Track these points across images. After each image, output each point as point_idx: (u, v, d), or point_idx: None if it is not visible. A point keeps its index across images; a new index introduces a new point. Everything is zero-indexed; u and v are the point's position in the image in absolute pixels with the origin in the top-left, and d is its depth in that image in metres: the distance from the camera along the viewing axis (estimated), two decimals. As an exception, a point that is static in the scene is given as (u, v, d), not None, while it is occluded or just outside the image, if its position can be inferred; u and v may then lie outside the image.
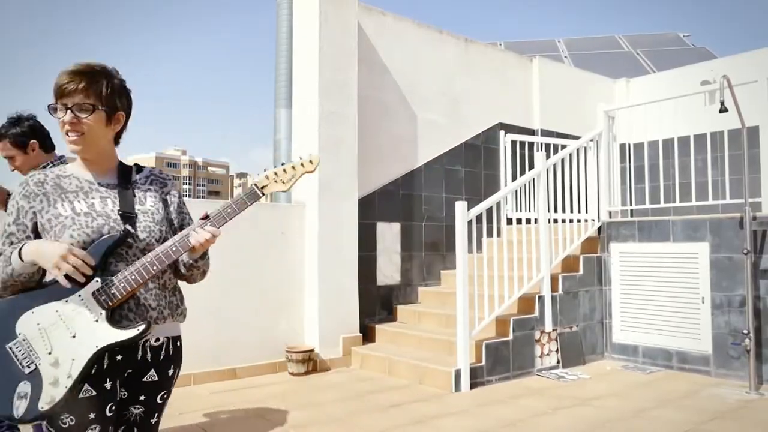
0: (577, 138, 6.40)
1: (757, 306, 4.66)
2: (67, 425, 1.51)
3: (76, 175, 1.67)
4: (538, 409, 4.03)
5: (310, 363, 5.14)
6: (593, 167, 5.89)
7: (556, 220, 5.62)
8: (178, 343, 1.74)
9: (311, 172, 1.74)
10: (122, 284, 1.54)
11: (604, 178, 5.85)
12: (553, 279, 5.29)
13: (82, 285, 1.53)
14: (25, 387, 1.49)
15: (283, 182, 1.70)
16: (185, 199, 2.06)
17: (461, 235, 4.66)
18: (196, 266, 1.72)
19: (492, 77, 7.10)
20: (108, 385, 1.57)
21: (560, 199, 5.73)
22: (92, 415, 1.53)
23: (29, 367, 1.50)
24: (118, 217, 1.62)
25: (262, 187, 1.68)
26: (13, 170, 2.99)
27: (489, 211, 4.99)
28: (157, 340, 1.67)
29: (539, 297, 5.15)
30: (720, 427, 3.66)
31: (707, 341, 4.96)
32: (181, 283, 1.79)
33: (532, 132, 7.36)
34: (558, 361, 5.22)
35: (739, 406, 4.09)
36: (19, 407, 1.48)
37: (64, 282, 1.49)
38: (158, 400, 1.69)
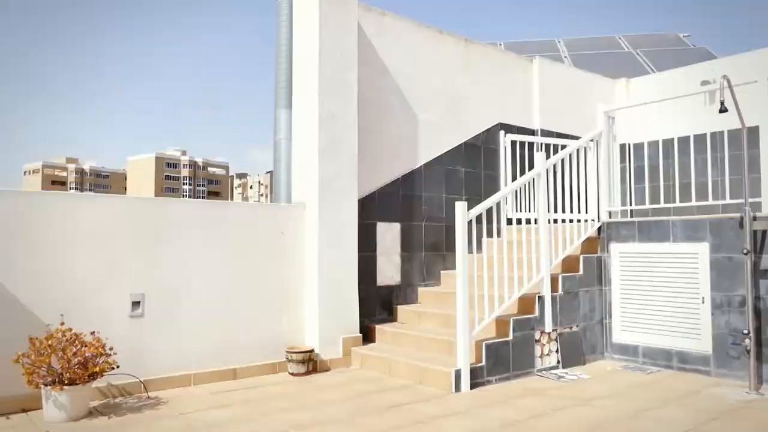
0: (577, 138, 6.40)
1: (757, 306, 4.66)
2: None
3: None
4: (538, 410, 4.03)
5: (310, 363, 5.14)
6: (593, 167, 5.90)
7: (556, 220, 5.62)
8: None
9: None
10: None
11: (604, 179, 5.85)
12: (553, 279, 5.29)
13: None
14: None
15: None
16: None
17: (461, 236, 4.66)
18: None
19: (492, 77, 7.10)
20: None
21: (560, 199, 5.73)
22: None
23: None
24: None
25: None
26: None
27: (489, 211, 4.98)
28: None
29: (539, 297, 5.15)
30: (720, 427, 3.65)
31: (707, 341, 4.96)
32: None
33: (532, 132, 7.37)
34: (558, 362, 5.22)
35: (739, 406, 4.09)
36: None
37: None
38: None
